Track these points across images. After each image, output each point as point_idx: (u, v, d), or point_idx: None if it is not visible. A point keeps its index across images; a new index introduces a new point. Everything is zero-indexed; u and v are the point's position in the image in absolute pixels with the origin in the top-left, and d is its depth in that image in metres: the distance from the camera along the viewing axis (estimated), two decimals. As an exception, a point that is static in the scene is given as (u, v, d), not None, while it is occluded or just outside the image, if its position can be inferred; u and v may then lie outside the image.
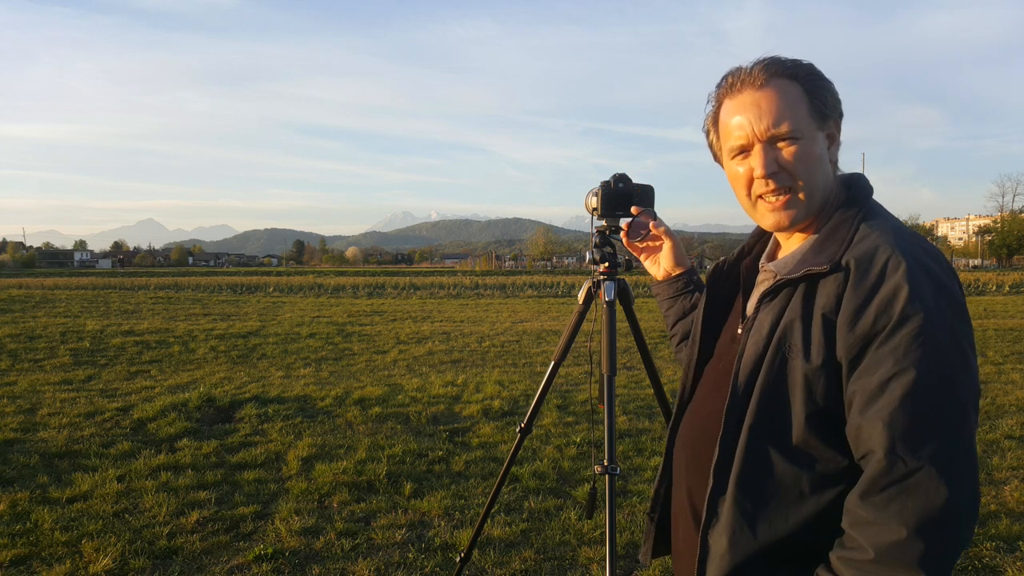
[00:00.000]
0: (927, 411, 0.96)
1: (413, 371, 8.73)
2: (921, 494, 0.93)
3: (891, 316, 0.99)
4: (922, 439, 0.95)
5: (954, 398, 0.96)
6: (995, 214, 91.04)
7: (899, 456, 0.95)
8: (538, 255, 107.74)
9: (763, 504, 1.10)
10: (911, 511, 0.94)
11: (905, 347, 0.97)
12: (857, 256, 1.06)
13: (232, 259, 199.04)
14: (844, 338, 1.03)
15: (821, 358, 1.05)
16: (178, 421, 5.84)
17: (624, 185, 2.20)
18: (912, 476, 0.94)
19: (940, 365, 0.97)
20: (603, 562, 3.03)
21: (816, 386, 1.06)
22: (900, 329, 0.98)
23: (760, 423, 1.11)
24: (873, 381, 0.99)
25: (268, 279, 36.86)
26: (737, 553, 1.11)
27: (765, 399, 1.10)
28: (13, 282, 32.99)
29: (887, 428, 0.96)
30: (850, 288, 1.03)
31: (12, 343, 10.73)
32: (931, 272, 1.01)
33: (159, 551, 3.48)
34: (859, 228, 1.11)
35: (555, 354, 2.49)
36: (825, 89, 1.16)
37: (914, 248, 1.04)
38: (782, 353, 1.10)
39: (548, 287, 29.87)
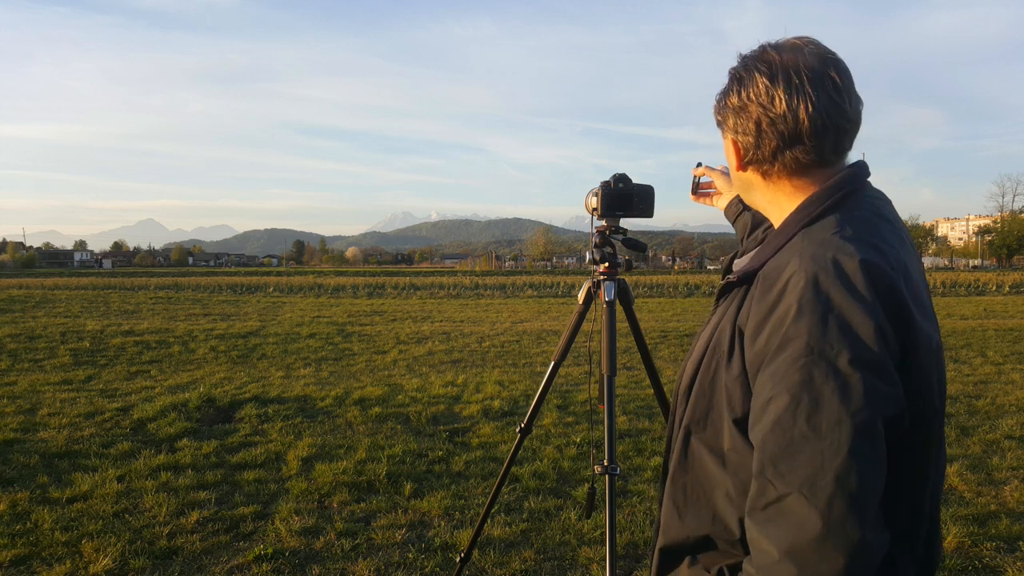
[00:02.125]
0: (795, 438, 0.92)
1: (413, 371, 8.73)
2: (792, 520, 0.91)
3: (778, 337, 0.96)
4: (789, 465, 0.92)
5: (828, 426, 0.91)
6: (995, 214, 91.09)
7: (768, 480, 0.94)
8: (538, 255, 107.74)
9: (692, 500, 1.14)
10: (783, 535, 0.91)
11: (783, 371, 0.95)
12: (767, 270, 1.04)
13: (232, 259, 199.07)
14: (748, 353, 1.02)
15: (738, 368, 1.05)
16: (178, 421, 5.84)
17: (624, 185, 2.20)
18: (782, 501, 0.92)
19: (814, 392, 0.92)
20: (603, 562, 3.03)
21: (734, 395, 1.05)
22: (782, 352, 0.95)
23: (693, 423, 1.14)
24: (757, 402, 0.98)
25: (268, 279, 36.86)
26: (666, 537, 1.19)
27: (697, 403, 1.13)
28: (13, 282, 32.99)
29: (759, 451, 0.96)
30: (756, 303, 1.02)
31: (12, 343, 10.74)
32: (827, 291, 0.95)
33: (159, 551, 3.48)
34: (796, 235, 1.07)
35: (555, 354, 2.49)
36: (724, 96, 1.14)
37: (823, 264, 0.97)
38: (711, 357, 1.11)
39: (548, 287, 29.87)
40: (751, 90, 1.07)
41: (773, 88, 1.05)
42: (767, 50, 1.09)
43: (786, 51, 1.07)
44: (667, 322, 14.67)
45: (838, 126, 1.07)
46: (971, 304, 20.01)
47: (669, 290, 28.62)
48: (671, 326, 13.68)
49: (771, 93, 1.06)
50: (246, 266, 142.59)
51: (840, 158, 1.12)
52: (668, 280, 34.18)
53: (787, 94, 1.05)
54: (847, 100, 1.06)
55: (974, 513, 3.91)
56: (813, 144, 1.07)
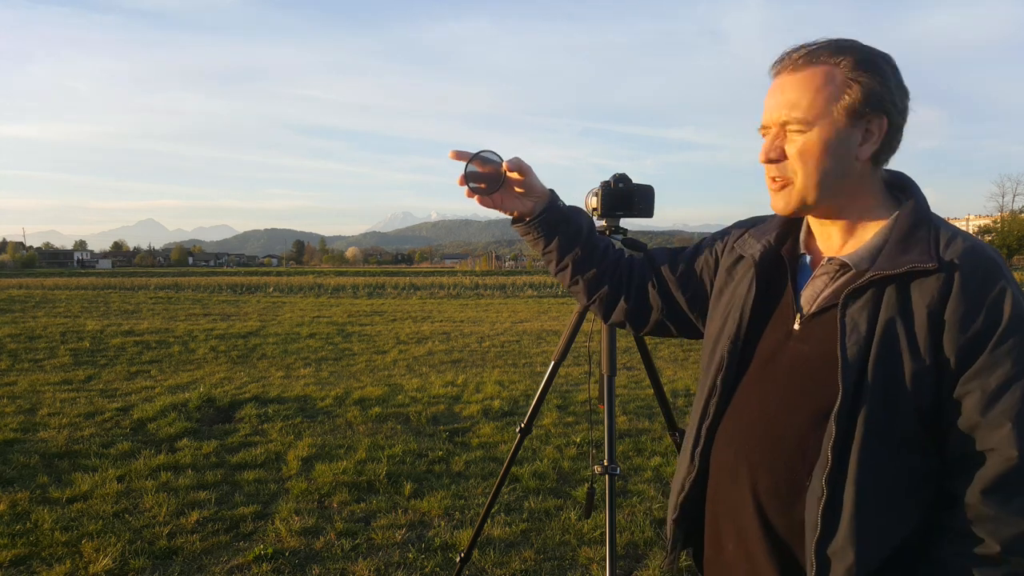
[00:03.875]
0: None
1: (413, 371, 8.73)
2: None
3: (1001, 319, 1.03)
4: None
5: None
6: (995, 214, 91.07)
7: None
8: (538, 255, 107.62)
9: (885, 510, 1.08)
10: None
11: (1020, 351, 1.02)
12: (960, 256, 1.07)
13: (232, 259, 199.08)
14: (954, 337, 1.04)
15: (930, 356, 1.06)
16: (178, 421, 5.83)
17: (624, 185, 2.20)
18: None
19: None
20: (603, 562, 3.03)
21: (924, 384, 1.06)
22: (1014, 334, 1.02)
23: (874, 426, 1.07)
24: (992, 382, 1.02)
25: (268, 279, 36.87)
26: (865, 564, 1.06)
27: (877, 401, 1.07)
28: (13, 282, 32.99)
29: (1016, 427, 1.00)
30: (958, 288, 1.05)
31: (12, 343, 10.73)
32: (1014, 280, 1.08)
33: (159, 551, 3.48)
34: (939, 228, 1.12)
35: (555, 354, 2.49)
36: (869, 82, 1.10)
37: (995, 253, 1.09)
38: (888, 352, 1.07)
39: (548, 287, 29.87)
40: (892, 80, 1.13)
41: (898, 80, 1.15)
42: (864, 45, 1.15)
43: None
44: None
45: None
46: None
47: (669, 290, 28.60)
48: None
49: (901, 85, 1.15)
50: (246, 266, 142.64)
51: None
52: (668, 280, 34.13)
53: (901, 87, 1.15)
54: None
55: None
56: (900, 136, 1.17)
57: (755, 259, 1.28)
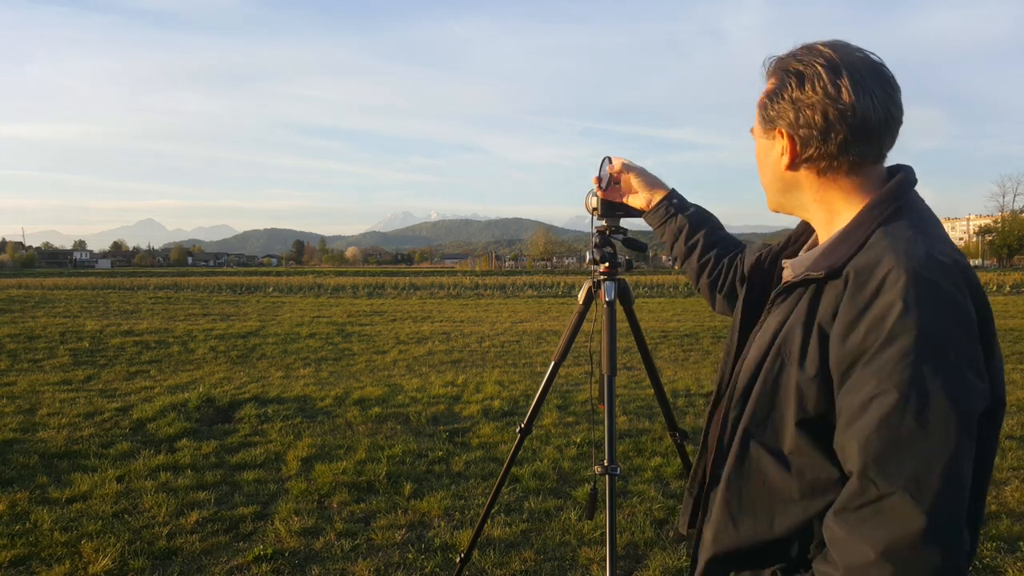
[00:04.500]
0: (905, 435, 0.92)
1: (413, 371, 8.73)
2: (893, 519, 0.91)
3: (880, 333, 0.95)
4: (896, 463, 0.92)
5: (937, 424, 0.92)
6: (995, 214, 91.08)
7: (871, 479, 0.93)
8: (538, 255, 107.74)
9: (749, 506, 1.11)
10: (881, 535, 0.91)
11: (890, 368, 0.94)
12: (858, 265, 1.02)
13: (232, 259, 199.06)
14: (836, 351, 1.00)
15: (815, 368, 1.03)
16: (178, 421, 5.83)
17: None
18: (884, 500, 0.92)
19: (925, 388, 0.92)
20: (603, 562, 3.03)
21: (808, 396, 1.04)
22: (887, 348, 0.94)
23: (753, 426, 1.11)
24: (856, 400, 0.97)
25: (268, 279, 36.86)
26: (719, 545, 1.15)
27: (760, 403, 1.10)
28: (13, 282, 32.98)
29: (862, 450, 0.95)
30: (846, 299, 1.00)
31: (12, 343, 10.73)
32: (934, 286, 0.95)
33: (159, 551, 3.47)
34: (875, 232, 1.06)
35: (555, 354, 2.49)
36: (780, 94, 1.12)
37: (922, 260, 0.97)
38: (781, 359, 1.08)
39: (548, 287, 29.86)
40: (816, 83, 1.07)
41: (838, 80, 1.06)
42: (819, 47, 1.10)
43: (838, 49, 1.09)
44: (667, 322, 14.67)
45: (896, 120, 1.09)
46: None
47: (669, 290, 28.62)
48: (671, 326, 13.68)
49: (837, 85, 1.06)
50: (246, 266, 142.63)
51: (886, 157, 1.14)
52: (668, 280, 34.17)
53: (853, 86, 1.05)
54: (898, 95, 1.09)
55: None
56: (877, 138, 1.08)
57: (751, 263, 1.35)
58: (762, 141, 1.19)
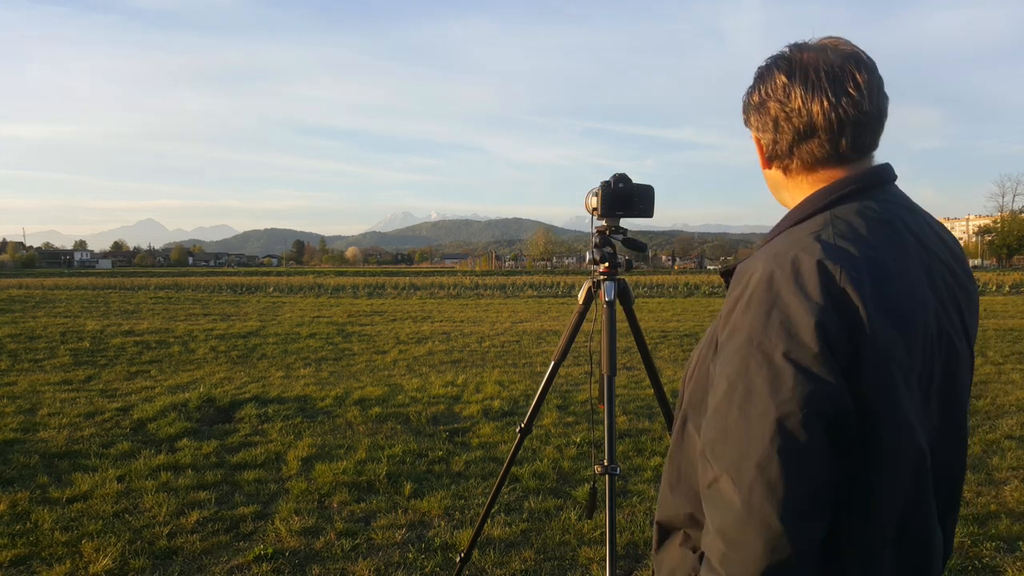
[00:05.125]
0: (729, 424, 0.98)
1: (413, 371, 8.73)
2: (721, 500, 0.97)
3: (730, 328, 1.03)
4: (722, 449, 0.98)
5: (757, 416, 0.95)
6: (995, 214, 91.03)
7: (707, 460, 1.00)
8: (538, 255, 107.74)
9: (683, 480, 1.18)
10: (715, 513, 0.99)
11: (725, 359, 1.01)
12: (743, 263, 1.08)
13: (232, 259, 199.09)
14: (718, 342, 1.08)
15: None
16: (178, 421, 5.84)
17: (624, 185, 2.20)
18: (716, 482, 0.98)
19: (747, 382, 0.96)
20: (603, 562, 3.03)
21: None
22: (729, 342, 1.02)
23: (689, 408, 1.17)
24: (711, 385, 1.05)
25: (268, 279, 36.88)
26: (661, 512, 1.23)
27: (694, 388, 1.17)
28: (13, 282, 32.99)
29: (703, 433, 1.03)
30: (727, 297, 1.08)
31: (12, 343, 10.73)
32: (774, 288, 0.98)
33: (159, 551, 3.48)
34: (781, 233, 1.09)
35: (555, 354, 2.49)
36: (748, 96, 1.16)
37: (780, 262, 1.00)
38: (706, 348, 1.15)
39: (548, 287, 29.87)
40: (769, 86, 1.11)
41: (790, 84, 1.09)
42: (791, 49, 1.13)
43: (809, 50, 1.11)
44: (667, 322, 14.67)
45: (855, 121, 1.07)
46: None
47: (669, 290, 28.63)
48: (671, 326, 13.68)
49: (788, 89, 1.09)
50: (246, 266, 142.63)
51: (861, 155, 1.12)
52: (668, 280, 34.18)
53: (803, 89, 1.07)
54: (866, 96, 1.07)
55: (974, 513, 3.91)
56: (828, 137, 1.09)
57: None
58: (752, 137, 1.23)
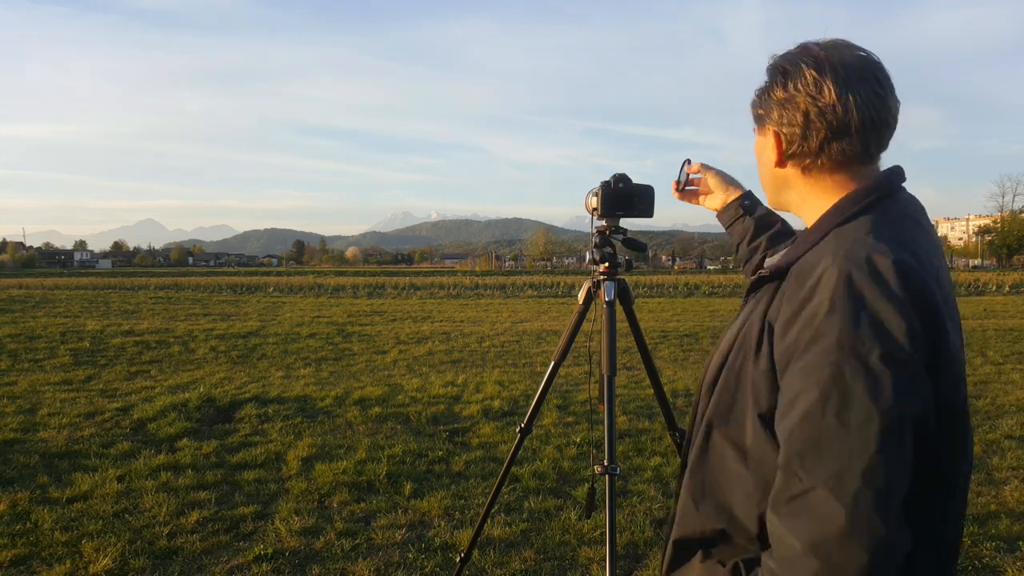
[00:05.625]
0: (825, 433, 0.93)
1: (413, 371, 8.73)
2: (816, 514, 0.92)
3: (809, 332, 0.97)
4: (816, 459, 0.94)
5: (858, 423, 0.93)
6: (995, 214, 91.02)
7: (794, 473, 0.95)
8: (538, 255, 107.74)
9: (710, 494, 1.14)
10: (807, 529, 0.93)
11: (813, 366, 0.95)
12: (801, 265, 1.05)
13: (232, 259, 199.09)
14: (777, 348, 1.03)
15: (765, 363, 1.05)
16: (178, 421, 5.84)
17: (624, 185, 2.19)
18: (807, 494, 0.93)
19: (844, 388, 0.93)
20: (603, 562, 3.03)
21: (761, 390, 1.06)
22: (813, 346, 0.96)
23: (716, 417, 1.14)
24: (786, 396, 0.99)
25: (268, 279, 36.87)
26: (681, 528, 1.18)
27: (721, 396, 1.13)
28: (13, 282, 32.99)
29: (786, 444, 0.97)
30: (787, 298, 1.03)
31: (12, 343, 10.73)
32: (858, 290, 0.96)
33: (159, 551, 3.48)
34: (831, 233, 1.07)
35: (555, 354, 2.49)
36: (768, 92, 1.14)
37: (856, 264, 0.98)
38: (739, 352, 1.11)
39: (548, 287, 29.86)
40: (799, 81, 1.09)
41: (821, 79, 1.07)
42: (810, 46, 1.12)
43: (829, 48, 1.10)
44: (667, 322, 14.67)
45: (883, 121, 1.09)
46: (971, 304, 20.00)
47: (669, 290, 28.62)
48: (671, 326, 13.68)
49: (819, 84, 1.07)
50: (246, 266, 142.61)
51: (878, 157, 1.14)
52: (668, 280, 34.18)
53: (836, 85, 1.06)
54: (890, 97, 1.09)
55: (974, 513, 3.91)
56: (860, 137, 1.08)
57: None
58: (758, 138, 1.21)
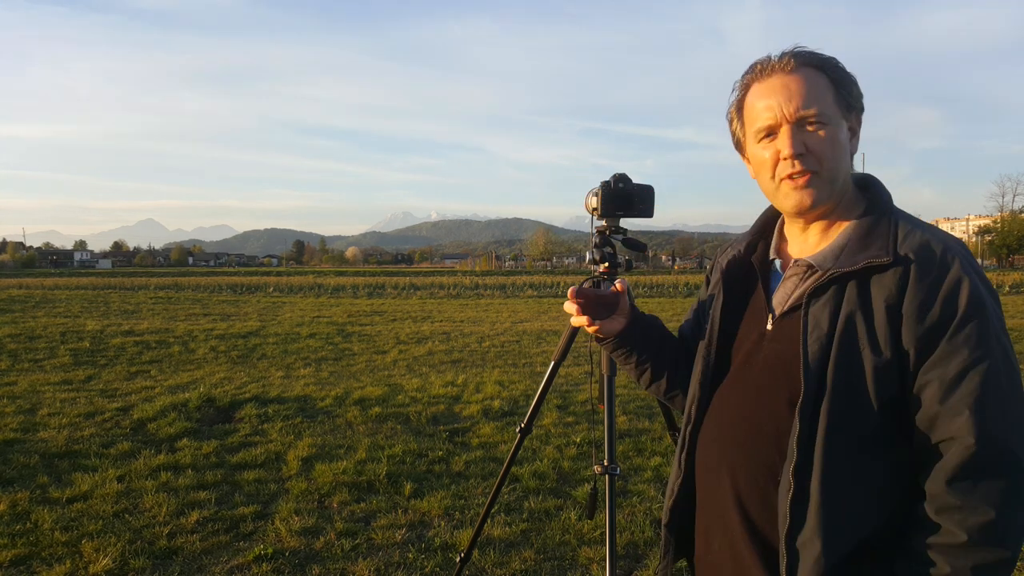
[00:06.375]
0: (1008, 396, 1.03)
1: (413, 371, 8.73)
2: (1011, 475, 1.00)
3: (957, 308, 1.05)
4: (1008, 423, 1.02)
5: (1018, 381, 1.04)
6: (995, 214, 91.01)
7: (989, 439, 1.00)
8: (538, 255, 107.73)
9: (853, 502, 1.10)
10: (999, 492, 0.99)
11: (977, 338, 1.03)
12: (915, 250, 1.10)
13: (232, 259, 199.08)
14: (912, 329, 1.07)
15: (889, 350, 1.08)
16: (178, 421, 5.84)
17: (624, 185, 2.19)
18: (1002, 458, 1.00)
19: (1006, 354, 1.05)
20: (603, 562, 3.03)
21: (887, 378, 1.08)
22: (970, 321, 1.04)
23: (837, 420, 1.10)
24: (950, 371, 1.04)
25: (268, 279, 36.87)
26: (832, 554, 1.08)
27: (839, 395, 1.10)
28: (13, 282, 32.99)
29: (975, 414, 1.01)
30: (914, 280, 1.07)
31: (12, 343, 10.73)
32: (977, 268, 1.10)
33: (159, 551, 3.48)
34: (899, 223, 1.15)
35: (555, 354, 2.49)
36: (850, 82, 1.20)
37: (957, 245, 1.11)
38: (849, 347, 1.10)
39: (548, 287, 29.85)
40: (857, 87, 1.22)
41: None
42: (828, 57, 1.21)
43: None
44: (667, 322, 14.55)
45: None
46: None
47: (669, 290, 28.63)
48: (671, 326, 13.59)
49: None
50: (246, 266, 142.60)
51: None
52: (668, 280, 34.19)
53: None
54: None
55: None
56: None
57: (722, 268, 1.36)
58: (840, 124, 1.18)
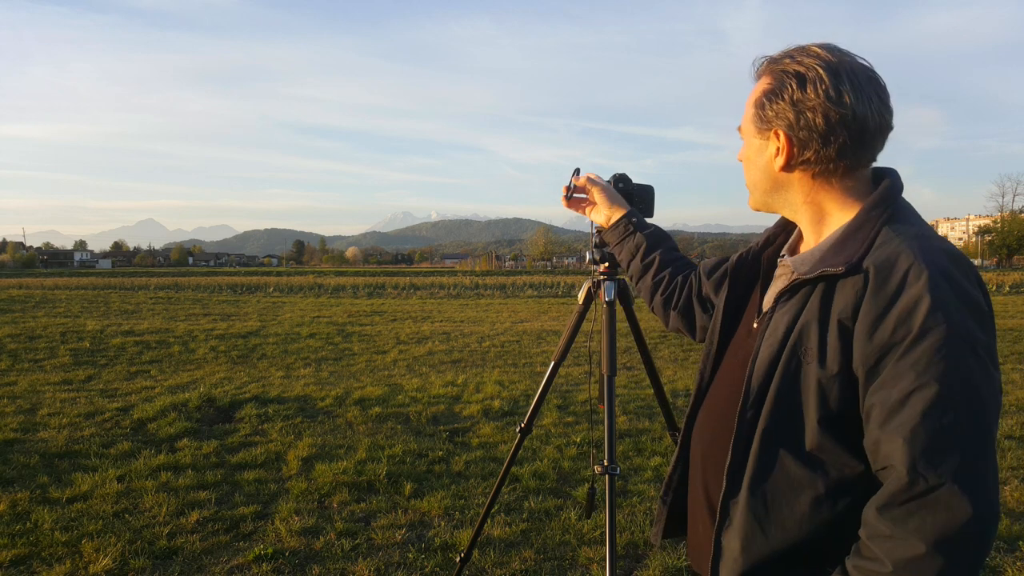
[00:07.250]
0: (949, 426, 0.94)
1: (413, 371, 8.73)
2: (942, 510, 0.92)
3: (911, 328, 0.96)
4: (944, 455, 0.93)
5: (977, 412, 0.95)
6: (995, 214, 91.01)
7: (920, 473, 0.94)
8: (538, 255, 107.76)
9: (776, 508, 1.09)
10: (931, 527, 0.92)
11: (926, 360, 0.95)
12: (877, 261, 1.02)
13: (232, 259, 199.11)
14: (862, 347, 1.00)
15: (837, 365, 1.03)
16: (178, 421, 5.83)
17: (624, 185, 2.19)
18: (933, 492, 0.93)
19: (962, 379, 0.95)
20: (603, 562, 3.03)
21: (830, 393, 1.04)
22: (921, 342, 0.96)
23: (773, 428, 1.09)
24: (893, 395, 0.97)
25: (268, 279, 36.85)
26: (749, 556, 1.11)
27: (778, 404, 1.09)
28: (13, 282, 32.99)
29: (907, 444, 0.95)
30: (869, 295, 1.01)
31: (12, 343, 10.73)
32: (954, 281, 0.98)
33: (159, 551, 3.48)
34: (881, 231, 1.07)
35: (555, 354, 2.49)
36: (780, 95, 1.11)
37: (938, 256, 1.00)
38: (797, 357, 1.08)
39: (548, 287, 29.85)
40: (818, 85, 1.08)
41: (839, 86, 1.07)
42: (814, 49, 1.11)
43: (834, 52, 1.10)
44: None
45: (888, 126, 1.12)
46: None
47: (669, 290, 28.60)
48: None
49: (839, 91, 1.07)
50: (246, 266, 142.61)
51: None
52: (668, 280, 34.14)
53: (853, 92, 1.07)
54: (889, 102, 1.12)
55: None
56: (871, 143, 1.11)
57: (731, 263, 1.37)
58: (754, 140, 1.19)
